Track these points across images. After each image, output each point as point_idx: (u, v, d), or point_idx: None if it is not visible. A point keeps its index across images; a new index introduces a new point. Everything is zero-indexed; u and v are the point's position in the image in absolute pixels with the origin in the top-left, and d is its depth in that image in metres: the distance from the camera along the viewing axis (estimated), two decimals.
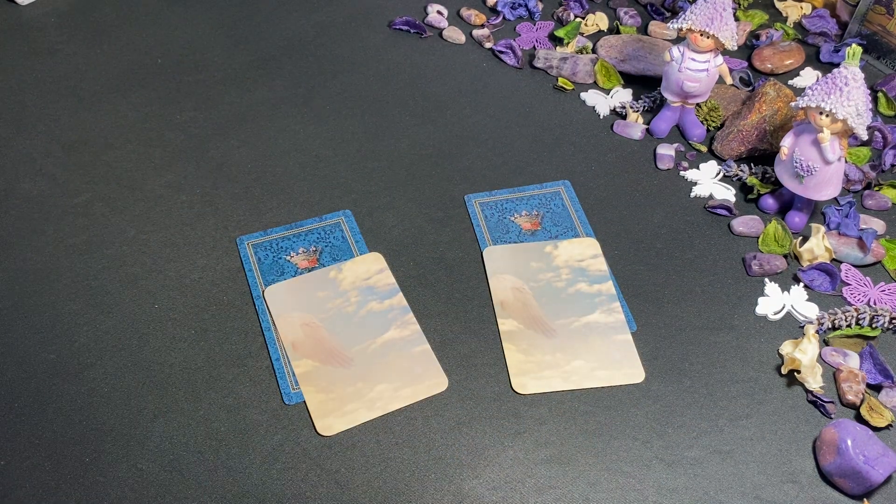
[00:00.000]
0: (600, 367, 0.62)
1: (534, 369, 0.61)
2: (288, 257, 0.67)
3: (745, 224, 0.71)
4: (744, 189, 0.74)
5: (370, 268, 0.67)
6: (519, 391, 0.60)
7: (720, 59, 0.75)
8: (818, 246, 0.68)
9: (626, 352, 0.63)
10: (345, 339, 0.62)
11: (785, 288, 0.67)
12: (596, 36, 0.89)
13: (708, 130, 0.79)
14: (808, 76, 0.85)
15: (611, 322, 0.64)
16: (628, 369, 0.62)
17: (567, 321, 0.64)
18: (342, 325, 0.63)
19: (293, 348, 0.62)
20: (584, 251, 0.68)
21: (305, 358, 0.61)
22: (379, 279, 0.66)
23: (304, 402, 0.59)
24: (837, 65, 0.66)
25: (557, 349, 0.62)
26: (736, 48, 0.78)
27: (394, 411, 0.59)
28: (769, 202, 0.72)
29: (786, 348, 0.63)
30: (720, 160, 0.76)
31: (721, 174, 0.75)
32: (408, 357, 0.61)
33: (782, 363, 0.62)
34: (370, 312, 0.64)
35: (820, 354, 0.63)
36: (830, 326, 0.64)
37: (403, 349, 0.62)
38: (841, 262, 0.69)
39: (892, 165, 0.76)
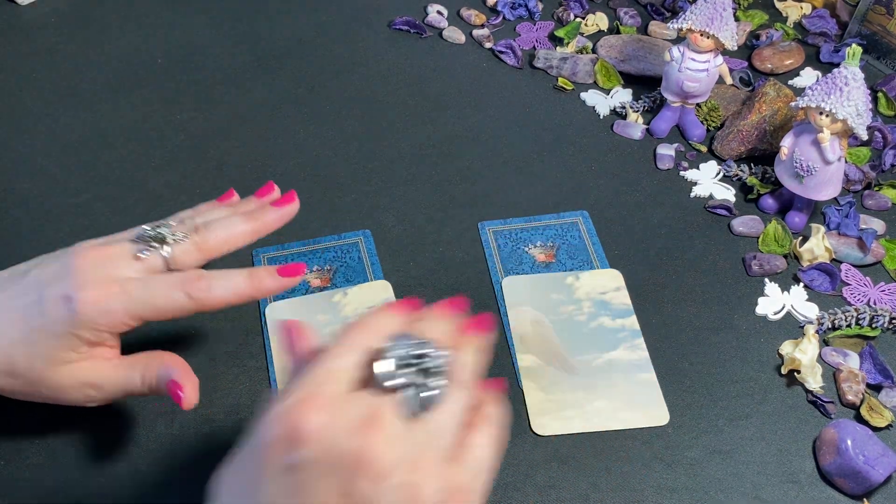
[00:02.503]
0: (624, 408, 0.59)
1: (554, 409, 0.59)
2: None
3: (745, 224, 0.71)
4: (744, 189, 0.74)
5: (376, 296, 0.65)
6: (538, 432, 0.58)
7: (720, 59, 0.75)
8: (818, 246, 0.68)
9: (650, 392, 0.60)
10: None
11: (785, 288, 0.67)
12: (596, 36, 0.89)
13: (708, 130, 0.79)
14: (808, 76, 0.85)
15: (634, 360, 0.62)
16: (653, 410, 0.59)
17: (589, 358, 0.61)
18: None
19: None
20: (607, 283, 0.66)
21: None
22: None
23: None
24: (837, 65, 0.66)
25: (579, 388, 0.60)
26: (736, 48, 0.78)
27: None
28: (769, 202, 0.72)
29: (786, 348, 0.63)
30: (720, 160, 0.76)
31: (721, 174, 0.75)
32: None
33: (782, 363, 0.62)
34: None
35: (820, 354, 0.63)
36: (830, 326, 0.64)
37: None
38: (841, 262, 0.69)
39: (892, 165, 0.76)
